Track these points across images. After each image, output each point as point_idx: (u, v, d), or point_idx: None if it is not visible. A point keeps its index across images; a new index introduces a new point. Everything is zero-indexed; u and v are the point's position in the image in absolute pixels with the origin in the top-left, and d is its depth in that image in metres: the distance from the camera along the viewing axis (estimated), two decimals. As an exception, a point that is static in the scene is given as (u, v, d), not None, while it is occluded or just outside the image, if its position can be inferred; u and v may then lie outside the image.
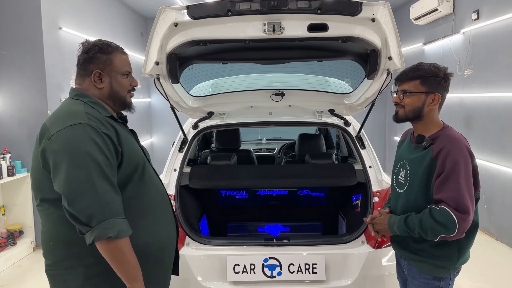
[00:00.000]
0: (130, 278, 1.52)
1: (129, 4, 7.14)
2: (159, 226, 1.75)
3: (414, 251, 1.93)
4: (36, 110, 4.48)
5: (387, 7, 2.23)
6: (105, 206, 1.46)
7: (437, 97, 1.86)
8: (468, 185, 1.75)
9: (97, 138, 1.51)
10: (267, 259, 2.55)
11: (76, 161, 1.47)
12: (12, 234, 4.45)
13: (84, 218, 1.45)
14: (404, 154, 2.01)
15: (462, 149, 1.77)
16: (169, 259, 1.84)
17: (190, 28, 2.33)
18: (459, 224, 1.70)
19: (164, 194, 1.85)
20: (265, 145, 5.80)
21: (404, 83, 1.90)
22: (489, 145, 4.85)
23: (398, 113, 1.94)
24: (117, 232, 1.45)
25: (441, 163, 1.76)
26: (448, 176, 1.73)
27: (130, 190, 1.64)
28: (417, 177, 1.86)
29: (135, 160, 1.66)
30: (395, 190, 2.04)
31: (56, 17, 4.67)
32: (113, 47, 1.71)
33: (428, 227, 1.75)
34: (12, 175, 4.31)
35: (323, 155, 3.61)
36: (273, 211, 3.52)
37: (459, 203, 1.71)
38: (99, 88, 1.69)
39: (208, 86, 3.42)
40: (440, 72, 1.86)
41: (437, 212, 1.74)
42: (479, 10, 4.98)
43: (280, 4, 2.17)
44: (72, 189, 1.46)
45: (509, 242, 4.55)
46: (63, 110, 1.64)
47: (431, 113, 1.89)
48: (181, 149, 3.07)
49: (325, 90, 3.26)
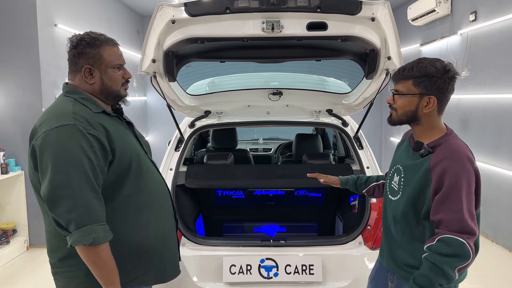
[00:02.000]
0: (107, 281, 1.55)
1: (125, 2, 7.09)
2: (160, 219, 1.78)
3: (403, 267, 1.76)
4: (31, 108, 4.43)
5: (387, 7, 2.21)
6: (84, 212, 1.48)
7: (433, 100, 1.63)
8: (470, 204, 1.55)
9: (82, 140, 1.50)
10: (264, 259, 2.53)
11: (58, 167, 1.47)
12: (6, 233, 4.40)
13: (63, 222, 1.48)
14: (400, 158, 1.83)
15: (464, 164, 1.56)
16: (174, 247, 1.90)
17: (188, 26, 2.30)
18: (470, 246, 1.51)
19: (163, 186, 1.87)
20: (261, 145, 5.79)
21: (398, 82, 1.70)
22: (485, 146, 4.85)
23: (392, 115, 1.75)
24: (92, 240, 1.47)
25: (438, 177, 1.56)
26: (448, 195, 1.54)
27: (129, 186, 1.65)
28: (410, 186, 1.68)
29: (128, 156, 1.65)
30: (387, 195, 1.86)
31: (51, 13, 4.62)
32: (102, 40, 1.66)
33: (443, 268, 1.50)
34: (6, 173, 4.26)
35: (320, 155, 3.60)
36: (270, 211, 3.50)
37: (462, 225, 1.52)
38: (90, 83, 1.66)
39: (205, 85, 3.40)
40: (437, 72, 1.61)
41: (440, 246, 1.52)
42: (477, 12, 4.99)
43: (279, 2, 2.15)
44: (53, 194, 1.47)
45: (505, 244, 4.56)
46: (53, 109, 1.63)
47: (429, 117, 1.67)
48: (177, 148, 3.04)
49: (323, 89, 3.24)
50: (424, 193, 1.63)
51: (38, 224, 4.55)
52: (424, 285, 1.54)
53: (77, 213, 1.46)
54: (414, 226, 1.70)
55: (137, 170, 1.68)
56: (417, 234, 1.70)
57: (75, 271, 1.62)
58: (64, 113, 1.55)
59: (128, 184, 1.65)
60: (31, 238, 4.59)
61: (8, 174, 4.28)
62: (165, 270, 1.81)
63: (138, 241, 1.68)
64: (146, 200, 1.72)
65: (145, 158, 1.77)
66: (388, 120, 1.79)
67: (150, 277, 1.75)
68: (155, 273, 1.76)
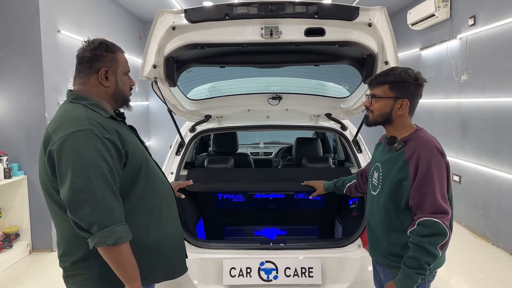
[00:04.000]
0: (130, 279, 1.59)
1: (127, 8, 7.16)
2: (169, 218, 1.85)
3: (387, 256, 1.91)
4: (34, 112, 4.47)
5: (383, 12, 2.24)
6: (105, 213, 1.52)
7: (405, 103, 1.84)
8: (442, 187, 1.75)
9: (99, 145, 1.55)
10: (264, 262, 2.55)
11: (78, 171, 1.51)
12: (8, 237, 4.43)
13: (85, 225, 1.51)
14: (378, 156, 2.01)
15: (433, 151, 1.76)
16: (181, 245, 1.96)
17: (188, 32, 2.34)
18: (445, 224, 1.71)
19: (168, 187, 1.92)
20: (262, 149, 5.81)
21: (375, 87, 1.90)
22: (485, 150, 4.87)
23: (368, 117, 1.94)
24: (115, 240, 1.52)
25: (414, 167, 1.76)
26: (423, 180, 1.73)
27: (140, 187, 1.71)
28: (389, 179, 1.86)
29: (138, 158, 1.71)
30: (370, 192, 2.04)
31: (54, 20, 4.67)
32: (117, 46, 1.78)
33: (426, 247, 1.70)
34: (9, 177, 4.30)
35: (320, 159, 3.62)
36: (270, 215, 3.52)
37: (436, 206, 1.72)
38: (105, 86, 1.72)
39: (206, 90, 3.43)
40: (409, 78, 1.83)
41: (420, 229, 1.72)
42: (476, 16, 5.02)
43: (277, 8, 2.19)
44: (75, 198, 1.51)
45: (505, 247, 4.56)
46: (65, 115, 1.64)
47: (401, 118, 1.87)
48: (178, 152, 3.07)
49: (322, 94, 3.27)
50: (402, 184, 1.80)
51: (41, 228, 4.58)
52: (413, 265, 1.72)
53: (99, 215, 1.50)
54: (395, 217, 1.87)
55: (146, 171, 1.74)
56: (397, 224, 1.86)
57: (88, 274, 1.66)
58: (78, 119, 1.59)
59: (140, 186, 1.70)
60: (34, 242, 4.62)
61: (11, 178, 4.32)
62: (174, 267, 1.88)
63: (151, 241, 1.74)
64: (156, 200, 1.78)
65: (151, 160, 1.84)
66: (365, 122, 1.99)
67: (160, 274, 1.82)
68: (166, 270, 1.83)
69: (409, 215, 1.82)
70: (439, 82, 5.92)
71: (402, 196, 1.82)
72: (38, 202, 4.53)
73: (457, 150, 5.50)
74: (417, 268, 1.71)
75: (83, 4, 5.43)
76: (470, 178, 5.22)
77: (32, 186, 4.54)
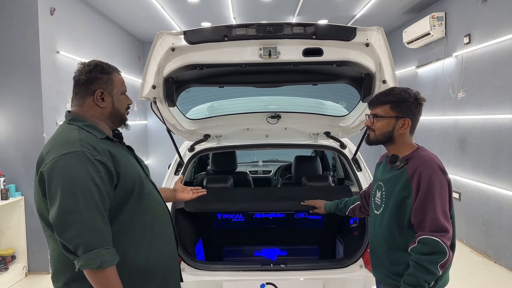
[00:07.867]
0: None
1: (126, 29, 7.24)
2: (162, 239, 1.82)
3: (390, 276, 1.89)
4: (32, 133, 4.47)
5: (380, 32, 2.27)
6: (92, 236, 1.51)
7: (407, 122, 1.87)
8: (444, 204, 1.76)
9: (89, 167, 1.55)
10: (264, 284, 2.51)
11: (67, 192, 1.51)
12: (4, 259, 4.36)
13: (72, 247, 1.51)
14: (380, 175, 2.02)
15: (434, 169, 1.78)
16: (175, 267, 1.92)
17: (187, 53, 2.36)
18: (445, 243, 1.71)
19: (163, 207, 1.90)
20: (261, 167, 5.79)
21: (376, 107, 1.93)
22: (484, 167, 4.87)
23: (370, 136, 1.96)
24: (100, 263, 1.50)
25: (416, 185, 1.77)
26: (424, 198, 1.74)
27: (131, 207, 1.69)
28: (392, 198, 1.87)
29: (131, 179, 1.70)
30: (372, 212, 2.04)
31: (54, 41, 4.71)
32: (112, 67, 1.79)
33: (425, 265, 1.70)
34: (6, 198, 4.26)
35: (319, 177, 3.60)
36: (270, 234, 3.48)
37: (437, 224, 1.73)
38: (101, 107, 1.73)
39: (205, 109, 3.44)
40: (410, 98, 1.87)
41: (420, 247, 1.73)
42: (471, 34, 5.09)
43: (275, 29, 2.21)
44: (62, 219, 1.51)
45: (507, 265, 4.51)
46: (59, 137, 1.67)
47: (402, 137, 1.90)
48: (177, 172, 3.06)
49: (320, 112, 3.28)
50: (405, 203, 1.81)
51: (37, 250, 4.51)
52: (411, 282, 1.73)
53: (85, 238, 1.50)
54: (398, 236, 1.86)
55: (139, 192, 1.73)
56: (401, 243, 1.85)
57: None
58: (71, 141, 1.60)
59: (130, 206, 1.69)
60: (30, 264, 4.54)
61: (8, 199, 4.28)
62: None
63: (141, 262, 1.71)
64: (148, 220, 1.76)
65: (146, 180, 1.82)
66: (366, 141, 2.00)
67: None
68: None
69: (412, 234, 1.81)
70: (436, 100, 5.96)
71: (405, 214, 1.82)
72: (35, 224, 4.47)
73: (456, 167, 5.50)
74: (415, 286, 1.72)
75: (82, 25, 5.49)
76: (469, 195, 5.21)
77: (29, 208, 4.49)
